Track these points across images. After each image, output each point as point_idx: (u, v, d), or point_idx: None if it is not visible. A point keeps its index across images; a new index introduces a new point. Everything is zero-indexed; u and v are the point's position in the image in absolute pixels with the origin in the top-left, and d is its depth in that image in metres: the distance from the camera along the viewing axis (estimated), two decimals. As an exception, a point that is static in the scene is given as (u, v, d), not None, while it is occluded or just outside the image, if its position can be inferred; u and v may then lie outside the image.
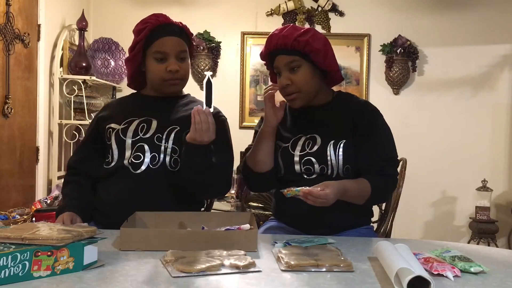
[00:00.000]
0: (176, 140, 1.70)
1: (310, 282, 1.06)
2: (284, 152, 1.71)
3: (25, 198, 3.12)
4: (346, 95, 1.81)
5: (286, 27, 1.68)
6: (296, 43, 1.63)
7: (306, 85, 1.67)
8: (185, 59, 1.77)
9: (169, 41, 1.73)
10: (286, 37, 1.64)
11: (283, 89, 1.69)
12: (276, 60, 1.68)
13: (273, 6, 4.03)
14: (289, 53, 1.65)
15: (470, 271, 1.14)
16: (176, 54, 1.73)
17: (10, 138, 2.98)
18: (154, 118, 1.73)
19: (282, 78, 1.68)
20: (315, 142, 1.68)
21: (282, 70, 1.68)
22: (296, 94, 1.68)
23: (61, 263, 1.07)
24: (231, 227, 1.42)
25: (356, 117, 1.69)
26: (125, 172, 1.68)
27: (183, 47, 1.76)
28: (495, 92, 3.96)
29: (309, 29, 1.67)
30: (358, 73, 4.03)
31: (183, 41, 1.76)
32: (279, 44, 1.65)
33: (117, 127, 1.73)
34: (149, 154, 1.68)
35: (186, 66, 1.77)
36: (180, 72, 1.75)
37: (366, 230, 1.72)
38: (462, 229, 3.99)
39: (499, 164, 3.96)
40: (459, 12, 3.96)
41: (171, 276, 1.07)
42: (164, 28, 1.74)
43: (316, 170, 1.66)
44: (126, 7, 4.08)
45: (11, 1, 2.91)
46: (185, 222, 1.53)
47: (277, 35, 1.67)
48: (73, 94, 3.46)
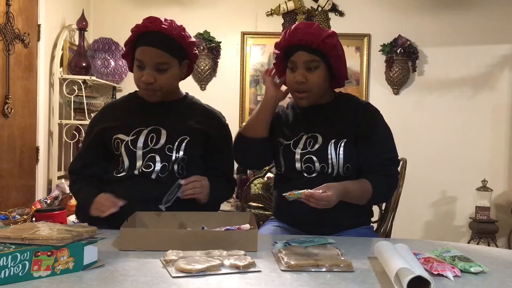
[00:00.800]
0: (186, 150, 1.72)
1: (310, 282, 1.06)
2: (286, 149, 1.72)
3: (25, 198, 3.12)
4: (347, 96, 1.82)
5: (311, 25, 1.66)
6: (323, 44, 1.63)
7: (318, 86, 1.68)
8: (165, 70, 1.70)
9: (147, 51, 1.68)
10: (314, 35, 1.62)
11: (295, 85, 1.68)
12: (296, 55, 1.66)
13: (273, 6, 4.03)
14: (312, 51, 1.64)
15: (470, 271, 1.14)
16: (154, 65, 1.69)
17: (10, 138, 2.97)
18: (163, 128, 1.73)
19: (297, 74, 1.66)
20: (316, 141, 1.69)
21: (299, 66, 1.66)
22: (306, 93, 1.68)
23: (61, 263, 1.07)
24: (231, 227, 1.42)
25: (358, 118, 1.70)
26: (135, 180, 1.69)
27: (162, 59, 1.69)
28: (495, 92, 3.96)
29: (334, 33, 1.67)
30: (358, 73, 4.03)
31: (163, 52, 1.69)
32: (304, 40, 1.63)
33: (125, 138, 1.72)
34: (159, 164, 1.69)
35: (164, 78, 1.70)
36: (156, 84, 1.70)
37: (366, 230, 1.73)
38: (462, 229, 3.99)
39: (499, 164, 3.96)
40: (459, 12, 3.96)
41: (171, 276, 1.07)
42: (147, 36, 1.69)
43: (316, 169, 1.67)
44: (126, 7, 4.08)
45: (11, 1, 2.90)
46: (185, 222, 1.53)
47: (303, 29, 1.64)
48: (73, 94, 3.46)
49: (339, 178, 1.63)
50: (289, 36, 1.67)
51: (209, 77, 4.06)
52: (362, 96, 3.97)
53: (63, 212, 1.77)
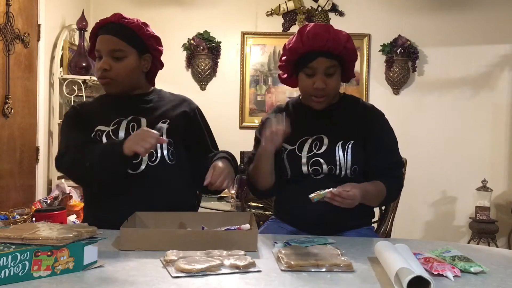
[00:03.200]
0: (169, 132, 1.71)
1: (310, 282, 1.06)
2: (291, 154, 1.71)
3: (25, 198, 3.11)
4: (352, 98, 1.83)
5: (328, 28, 1.65)
6: (345, 50, 1.64)
7: (336, 90, 1.72)
8: (120, 59, 1.70)
9: (103, 39, 1.71)
10: (335, 42, 1.63)
11: (315, 91, 1.67)
12: (317, 62, 1.65)
13: (273, 6, 4.03)
14: (332, 57, 1.65)
15: (470, 271, 1.14)
16: (108, 52, 1.69)
17: (10, 138, 2.97)
18: (142, 116, 1.73)
19: (318, 81, 1.65)
20: (322, 143, 1.69)
21: (318, 72, 1.66)
22: (324, 98, 1.69)
23: (61, 263, 1.07)
24: (231, 227, 1.42)
25: (365, 121, 1.72)
26: (125, 174, 1.66)
27: (117, 46, 1.69)
28: (495, 92, 3.96)
29: (349, 36, 1.68)
30: (358, 73, 4.03)
31: (119, 40, 1.70)
32: (326, 47, 1.63)
33: (106, 129, 1.70)
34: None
35: (119, 66, 1.70)
36: (111, 72, 1.70)
37: (367, 231, 1.73)
38: (462, 229, 3.99)
39: (499, 164, 3.96)
40: (459, 12, 3.96)
41: (171, 276, 1.07)
42: (105, 26, 1.73)
43: (324, 171, 1.67)
44: (126, 7, 4.07)
45: (11, 1, 2.90)
46: (185, 222, 1.53)
47: (323, 36, 1.62)
48: (73, 94, 3.46)
49: (346, 180, 1.62)
50: (310, 41, 1.64)
51: (209, 77, 4.06)
52: (362, 96, 3.97)
53: (63, 212, 1.76)
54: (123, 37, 1.71)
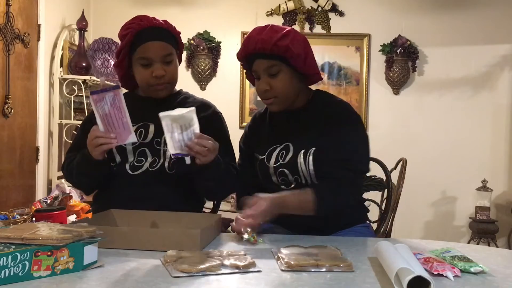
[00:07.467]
0: None
1: (310, 282, 1.06)
2: (261, 164, 1.69)
3: (25, 198, 3.12)
4: (324, 95, 1.74)
5: (264, 29, 1.61)
6: (276, 48, 1.56)
7: (285, 90, 1.62)
8: (171, 62, 1.73)
9: (153, 46, 1.69)
10: (265, 41, 1.57)
11: (262, 93, 1.65)
12: (255, 64, 1.62)
13: (273, 6, 4.03)
14: (268, 57, 1.58)
15: (470, 271, 1.14)
16: (161, 58, 1.69)
17: (10, 138, 2.97)
18: (151, 123, 1.72)
19: (261, 83, 1.62)
20: (288, 152, 1.63)
21: (261, 74, 1.62)
22: (274, 99, 1.63)
23: (61, 263, 1.07)
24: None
25: (328, 117, 1.64)
26: (123, 175, 1.68)
27: (168, 50, 1.71)
28: (495, 92, 3.96)
29: (288, 31, 1.59)
30: (358, 73, 4.03)
31: (167, 44, 1.72)
32: (257, 48, 1.58)
33: None
34: (150, 159, 1.69)
35: (172, 69, 1.73)
36: (167, 76, 1.71)
37: (363, 229, 1.70)
38: (462, 229, 3.99)
39: (499, 164, 3.96)
40: (459, 12, 3.96)
41: (171, 276, 1.07)
42: (146, 32, 1.69)
43: (291, 181, 1.63)
44: (126, 7, 4.08)
45: (11, 1, 2.91)
46: (157, 222, 1.54)
47: (255, 38, 1.59)
48: (73, 94, 3.46)
49: None
50: (244, 46, 1.63)
51: (209, 77, 4.06)
52: (362, 96, 3.97)
53: (63, 212, 1.76)
54: (170, 41, 1.74)
